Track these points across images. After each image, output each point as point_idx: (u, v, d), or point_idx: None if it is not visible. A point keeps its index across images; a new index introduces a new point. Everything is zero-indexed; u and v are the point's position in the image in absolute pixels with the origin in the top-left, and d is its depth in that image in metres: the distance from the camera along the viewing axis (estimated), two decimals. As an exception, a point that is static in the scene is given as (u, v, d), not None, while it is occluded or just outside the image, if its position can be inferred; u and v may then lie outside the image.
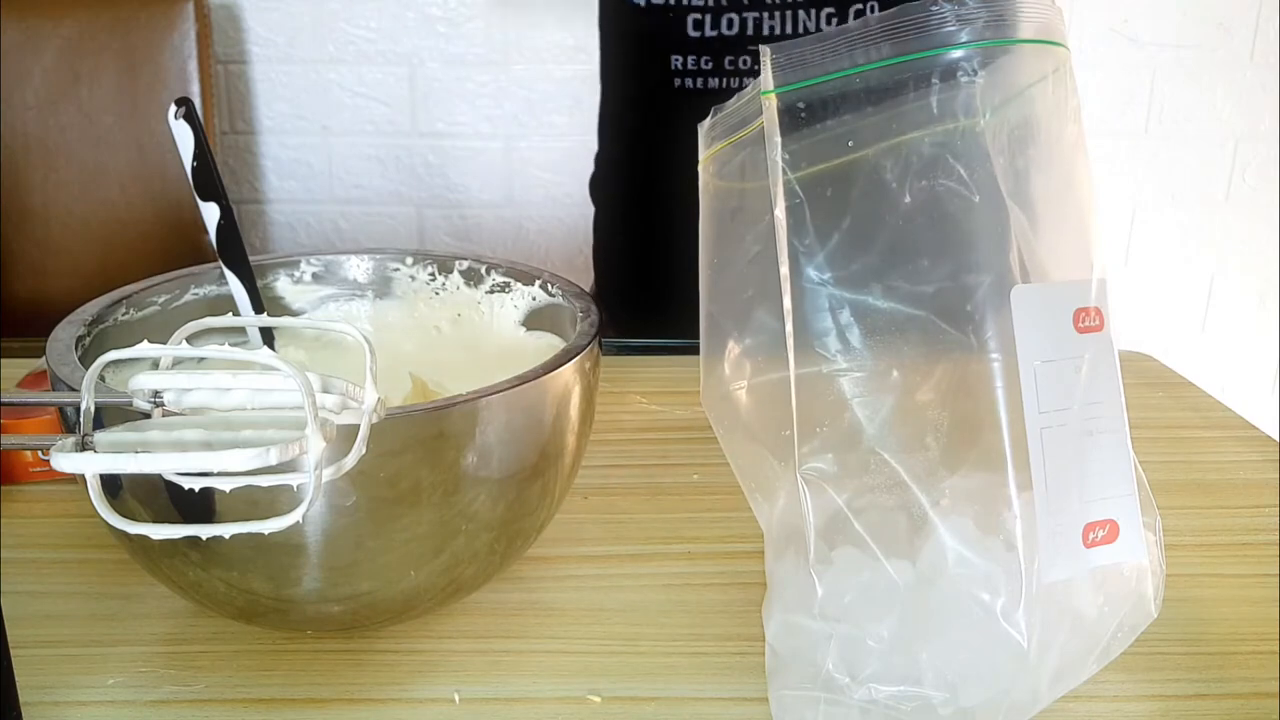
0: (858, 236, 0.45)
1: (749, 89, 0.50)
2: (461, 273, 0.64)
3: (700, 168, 0.57)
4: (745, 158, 0.52)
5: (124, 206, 1.51)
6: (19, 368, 0.79)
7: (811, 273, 0.45)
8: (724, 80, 0.94)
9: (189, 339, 0.35)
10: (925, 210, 0.45)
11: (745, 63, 0.93)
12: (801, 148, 0.46)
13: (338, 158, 1.72)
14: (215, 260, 0.58)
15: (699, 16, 0.92)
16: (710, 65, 0.94)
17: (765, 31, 0.91)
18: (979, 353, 0.43)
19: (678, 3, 0.92)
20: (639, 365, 0.86)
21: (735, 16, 0.91)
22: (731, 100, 0.52)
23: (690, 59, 0.94)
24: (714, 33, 0.92)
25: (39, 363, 0.74)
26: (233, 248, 0.57)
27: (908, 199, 0.45)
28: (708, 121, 0.56)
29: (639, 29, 0.96)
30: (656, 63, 0.96)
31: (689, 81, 0.94)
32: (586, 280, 1.19)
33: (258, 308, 0.58)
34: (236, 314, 0.58)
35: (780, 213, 0.45)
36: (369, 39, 1.66)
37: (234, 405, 0.35)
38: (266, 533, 0.32)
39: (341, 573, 0.47)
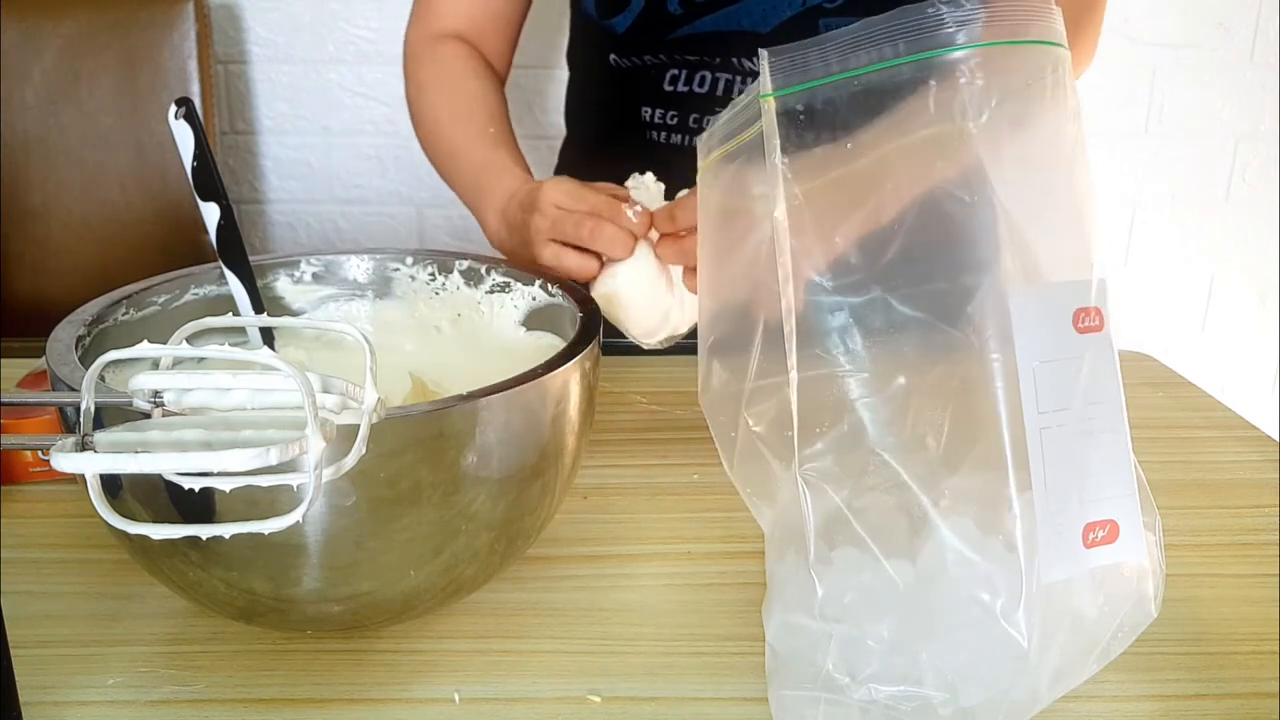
0: (857, 238, 0.45)
1: (744, 95, 0.50)
2: (461, 273, 0.64)
3: (699, 177, 0.57)
4: (742, 163, 0.52)
5: (124, 206, 1.51)
6: (19, 368, 0.79)
7: (811, 274, 0.45)
8: (685, 137, 0.94)
9: (189, 339, 0.35)
10: (924, 212, 0.45)
11: (709, 121, 0.93)
12: (800, 150, 0.46)
13: (338, 158, 1.71)
14: (215, 260, 0.58)
15: (675, 72, 0.93)
16: (675, 120, 0.94)
17: (736, 95, 0.92)
18: (979, 353, 0.43)
19: (656, 60, 0.93)
20: (639, 365, 0.86)
21: (708, 75, 0.92)
22: (727, 109, 0.53)
23: (659, 112, 0.95)
24: (686, 88, 0.93)
25: (39, 363, 0.74)
26: (233, 248, 0.57)
27: (906, 201, 0.45)
28: (705, 133, 0.56)
29: (616, 78, 0.97)
30: (627, 110, 0.98)
31: (656, 134, 0.95)
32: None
33: (258, 308, 0.58)
34: (236, 314, 0.58)
35: (781, 214, 0.45)
36: (369, 39, 1.66)
37: (234, 405, 0.35)
38: (266, 533, 0.32)
39: (341, 573, 0.47)
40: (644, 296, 0.71)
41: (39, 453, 0.65)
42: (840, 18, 0.87)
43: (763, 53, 0.46)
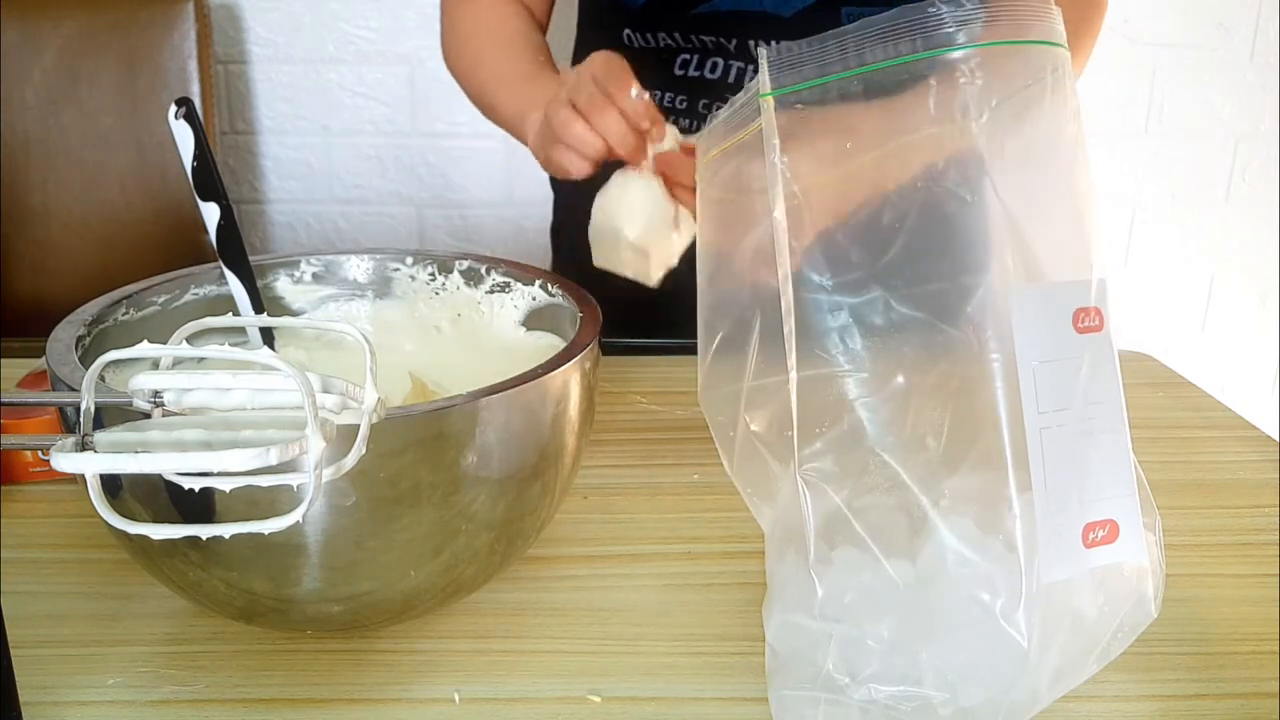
0: (857, 238, 0.45)
1: (743, 93, 0.50)
2: (461, 273, 0.64)
3: (697, 174, 0.57)
4: (741, 162, 0.52)
5: (124, 206, 1.51)
6: (19, 368, 0.79)
7: (811, 275, 0.45)
8: (694, 122, 0.94)
9: (189, 339, 0.35)
10: (923, 212, 0.45)
11: (719, 107, 0.93)
12: (800, 149, 0.46)
13: (338, 158, 1.71)
14: (215, 260, 0.58)
15: (687, 57, 0.93)
16: (685, 105, 0.94)
17: (747, 82, 0.91)
18: (979, 353, 0.43)
19: (669, 45, 0.93)
20: (639, 365, 0.86)
21: (720, 61, 0.92)
22: (725, 107, 0.52)
23: (668, 95, 0.95)
24: (697, 73, 0.93)
25: (39, 363, 0.74)
26: (233, 248, 0.57)
27: (906, 201, 0.45)
28: (704, 130, 0.56)
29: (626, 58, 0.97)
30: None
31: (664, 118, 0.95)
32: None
33: (258, 308, 0.58)
34: (236, 314, 0.58)
35: (780, 214, 0.45)
36: (369, 39, 1.66)
37: (234, 405, 0.35)
38: (266, 533, 0.32)
39: (341, 573, 0.47)
40: (640, 223, 0.70)
41: (39, 453, 0.65)
42: (862, 7, 0.87)
43: (761, 51, 0.46)
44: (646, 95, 0.70)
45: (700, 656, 0.52)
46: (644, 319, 0.94)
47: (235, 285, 0.58)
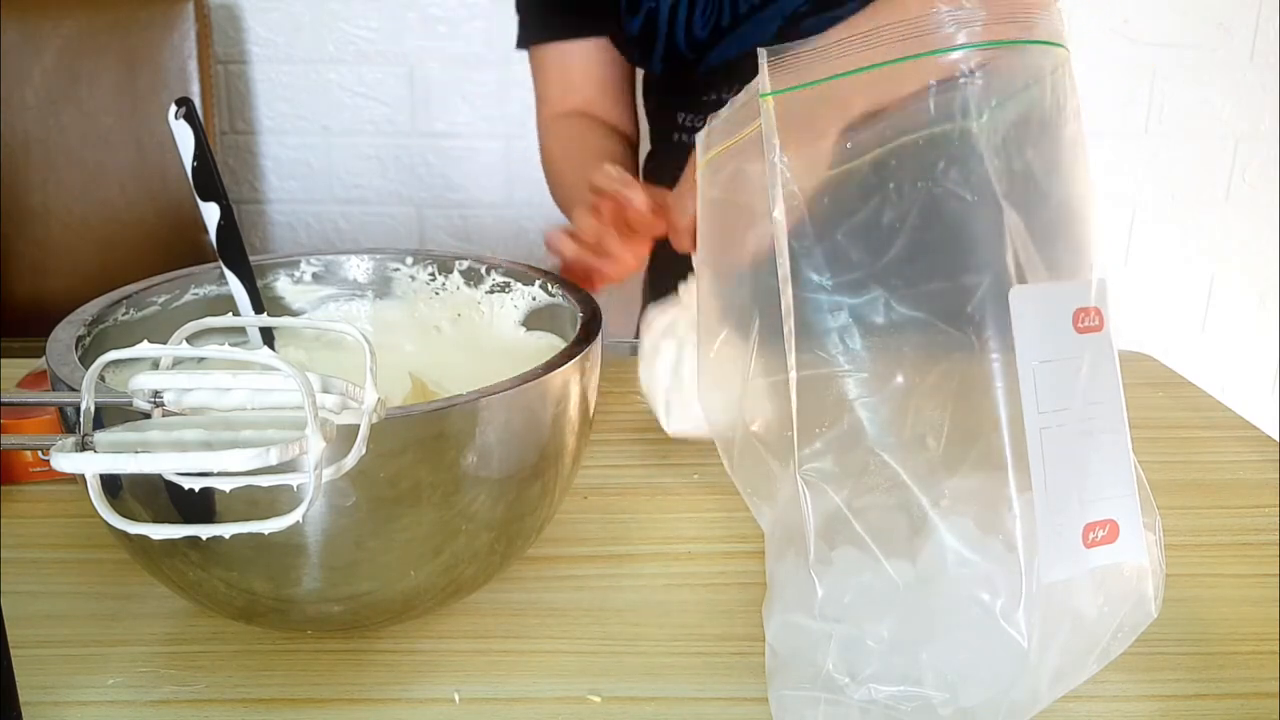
0: (857, 238, 0.45)
1: (744, 94, 0.50)
2: (461, 273, 0.64)
3: (698, 174, 0.57)
4: (741, 162, 0.52)
5: (124, 206, 1.51)
6: (19, 368, 0.79)
7: (811, 275, 0.45)
8: None
9: (189, 339, 0.35)
10: (923, 212, 0.45)
11: (711, 119, 0.96)
12: (800, 149, 0.46)
13: (338, 158, 1.71)
14: (215, 260, 0.58)
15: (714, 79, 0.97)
16: (702, 124, 0.96)
17: None
18: (979, 353, 0.43)
19: (704, 68, 0.96)
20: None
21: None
22: (725, 107, 0.53)
23: (693, 117, 0.99)
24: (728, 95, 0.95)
25: (39, 363, 0.74)
26: (233, 248, 0.57)
27: (906, 201, 0.45)
28: (704, 129, 0.56)
29: (657, 82, 1.02)
30: (664, 113, 1.02)
31: (685, 137, 0.98)
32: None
33: (258, 308, 0.58)
34: (236, 314, 0.58)
35: (780, 214, 0.45)
36: (369, 39, 1.66)
37: (234, 405, 0.35)
38: (266, 533, 0.32)
39: (341, 573, 0.47)
40: (658, 374, 0.70)
41: (39, 453, 0.65)
42: (814, 18, 0.90)
43: (761, 52, 0.46)
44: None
45: (700, 656, 0.52)
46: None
47: (235, 285, 0.58)
